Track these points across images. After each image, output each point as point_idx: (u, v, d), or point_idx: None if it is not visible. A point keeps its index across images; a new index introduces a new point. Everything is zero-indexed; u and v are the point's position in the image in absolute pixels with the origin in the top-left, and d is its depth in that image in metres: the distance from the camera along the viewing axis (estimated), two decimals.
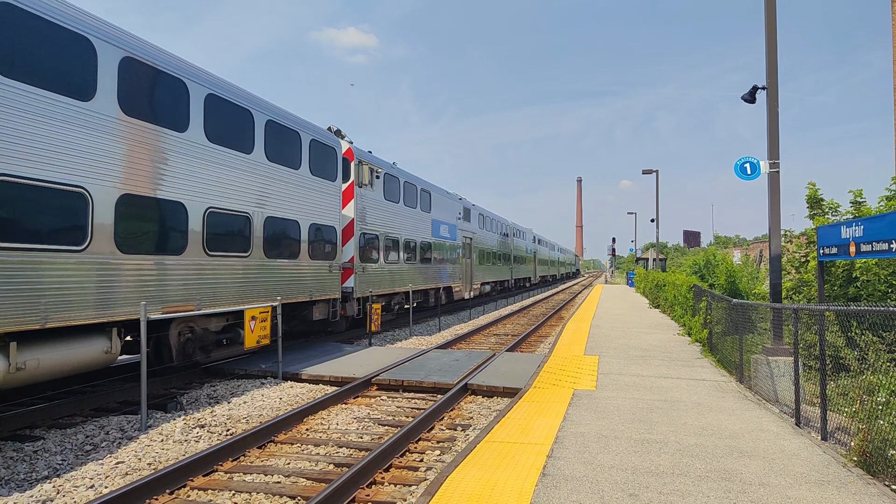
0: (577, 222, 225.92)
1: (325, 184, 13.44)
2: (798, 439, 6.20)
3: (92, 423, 7.49)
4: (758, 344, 8.78)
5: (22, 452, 6.42)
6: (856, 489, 4.83)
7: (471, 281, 27.20)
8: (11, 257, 6.41)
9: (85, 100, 7.38)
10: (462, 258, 25.69)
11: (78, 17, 7.39)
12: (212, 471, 5.97)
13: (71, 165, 7.15)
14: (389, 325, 18.35)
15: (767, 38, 9.07)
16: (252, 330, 10.19)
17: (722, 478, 5.08)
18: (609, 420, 6.91)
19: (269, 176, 11.33)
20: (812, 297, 11.28)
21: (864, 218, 7.72)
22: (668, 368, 10.34)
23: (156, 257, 8.51)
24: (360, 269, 15.12)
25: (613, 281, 71.69)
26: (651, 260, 41.88)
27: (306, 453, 6.60)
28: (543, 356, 11.87)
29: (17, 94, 6.52)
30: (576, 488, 4.83)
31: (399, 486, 5.68)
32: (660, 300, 23.58)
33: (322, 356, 12.13)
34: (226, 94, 10.17)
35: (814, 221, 11.99)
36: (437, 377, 9.88)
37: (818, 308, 6.75)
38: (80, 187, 7.28)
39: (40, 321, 6.70)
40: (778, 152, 9.05)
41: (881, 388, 5.48)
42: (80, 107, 7.30)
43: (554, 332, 18.11)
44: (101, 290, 7.54)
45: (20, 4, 6.59)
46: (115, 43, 7.89)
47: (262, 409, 8.44)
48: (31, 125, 6.68)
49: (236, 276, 10.33)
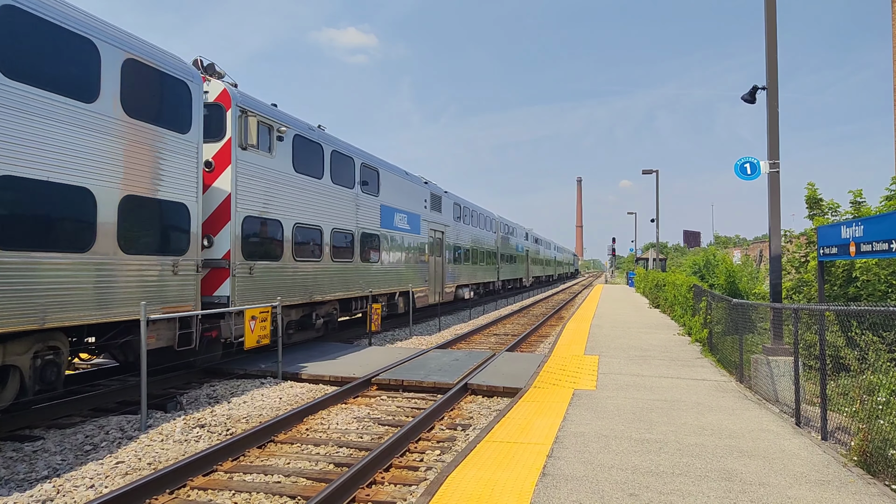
0: (577, 222, 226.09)
1: (160, 135, 8.74)
2: (798, 439, 6.20)
3: (91, 423, 7.49)
4: (758, 344, 8.78)
5: (21, 452, 6.42)
6: (856, 489, 4.83)
7: (442, 283, 22.52)
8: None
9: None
10: (430, 256, 21.02)
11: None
12: (212, 471, 5.97)
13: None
14: (389, 325, 18.35)
15: (767, 38, 9.07)
16: (252, 330, 10.18)
17: (722, 477, 5.08)
18: (609, 420, 6.91)
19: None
20: (812, 297, 11.28)
21: (864, 218, 7.72)
22: (668, 368, 10.34)
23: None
24: (241, 269, 10.58)
25: (613, 281, 71.69)
26: (651, 260, 41.88)
27: (306, 453, 6.59)
28: (543, 356, 11.87)
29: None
30: (576, 488, 4.83)
31: (399, 485, 5.67)
32: (660, 300, 23.58)
33: (322, 356, 12.12)
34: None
35: (813, 221, 12.00)
36: (437, 377, 9.87)
37: (818, 308, 6.75)
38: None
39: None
40: (778, 152, 9.05)
41: (881, 388, 5.48)
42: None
43: (554, 332, 18.11)
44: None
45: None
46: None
47: (261, 408, 8.44)
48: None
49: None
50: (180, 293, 9.15)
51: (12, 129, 6.53)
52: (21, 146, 6.64)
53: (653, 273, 29.54)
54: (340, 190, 14.46)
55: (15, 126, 6.57)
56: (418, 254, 19.87)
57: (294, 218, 12.37)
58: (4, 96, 6.43)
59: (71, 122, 7.28)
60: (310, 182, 13.06)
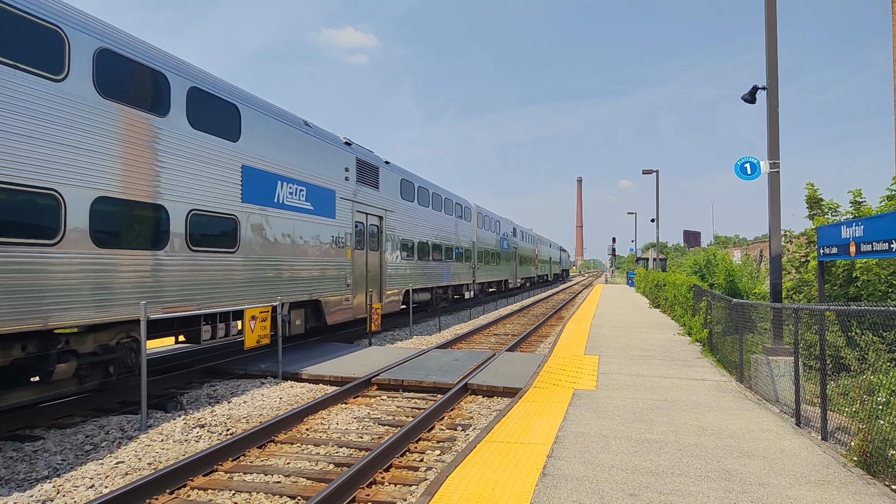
0: (577, 222, 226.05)
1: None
2: (798, 439, 6.19)
3: (92, 423, 7.49)
4: (758, 344, 8.78)
5: (22, 452, 6.42)
6: (856, 489, 4.83)
7: (380, 287, 16.54)
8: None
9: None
10: (354, 250, 14.85)
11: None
12: (212, 470, 5.97)
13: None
14: (390, 325, 18.34)
15: (767, 37, 9.07)
16: (252, 330, 10.18)
17: (722, 478, 5.08)
18: (609, 420, 6.91)
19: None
20: (812, 297, 11.28)
21: (865, 218, 7.72)
22: (668, 368, 10.33)
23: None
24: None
25: (613, 281, 71.69)
26: (651, 260, 41.87)
27: (306, 453, 6.59)
28: (543, 356, 11.87)
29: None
30: (576, 488, 4.83)
31: (399, 485, 5.67)
32: (660, 300, 23.59)
33: (322, 356, 12.12)
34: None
35: (813, 221, 12.01)
36: (437, 377, 9.87)
37: (818, 308, 6.75)
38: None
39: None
40: (778, 152, 9.04)
41: (881, 388, 5.48)
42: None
43: (554, 332, 18.11)
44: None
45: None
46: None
47: (262, 408, 8.44)
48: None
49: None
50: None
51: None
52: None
53: (653, 273, 29.55)
54: (130, 118, 8.06)
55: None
56: (332, 247, 13.63)
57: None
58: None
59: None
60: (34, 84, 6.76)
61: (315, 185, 12.99)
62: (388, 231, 17.12)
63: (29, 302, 6.60)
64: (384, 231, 16.79)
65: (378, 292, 16.38)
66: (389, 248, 17.24)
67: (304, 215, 12.54)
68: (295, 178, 12.17)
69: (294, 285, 12.05)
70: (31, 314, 6.61)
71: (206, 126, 9.53)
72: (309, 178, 12.72)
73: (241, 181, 10.45)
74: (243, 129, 10.52)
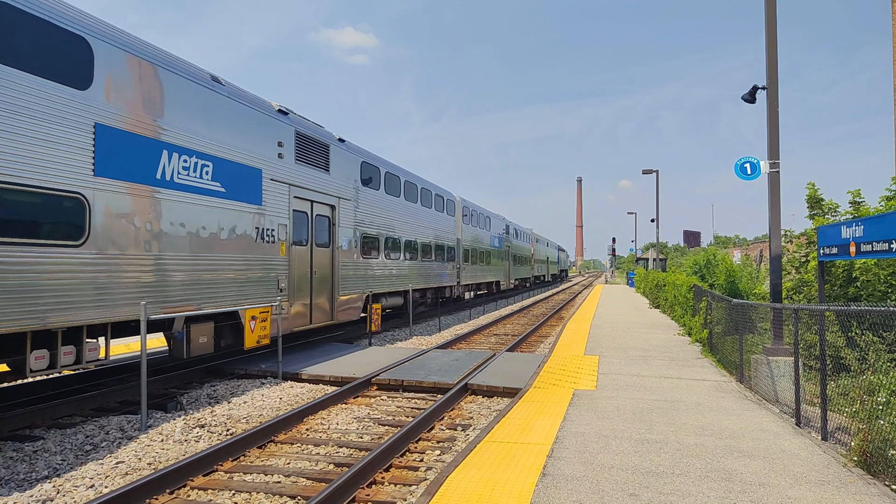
0: (577, 222, 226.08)
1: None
2: (798, 439, 6.19)
3: (92, 423, 7.49)
4: (758, 344, 8.78)
5: (22, 452, 6.42)
6: (856, 489, 4.83)
7: (331, 292, 13.63)
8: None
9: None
10: (291, 246, 11.90)
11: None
12: (212, 471, 5.97)
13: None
14: (389, 325, 18.34)
15: (767, 37, 9.07)
16: (252, 330, 10.18)
17: (722, 478, 5.08)
18: (609, 420, 6.91)
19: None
20: (812, 297, 11.28)
21: (865, 218, 7.72)
22: (668, 368, 10.33)
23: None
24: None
25: (613, 281, 71.69)
26: (651, 260, 41.86)
27: (306, 453, 6.60)
28: (543, 356, 11.87)
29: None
30: (576, 488, 4.83)
31: (399, 485, 5.67)
32: (660, 300, 23.58)
33: (322, 356, 12.12)
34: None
35: (813, 221, 12.01)
36: (437, 377, 9.87)
37: (818, 308, 6.75)
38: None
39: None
40: (778, 152, 9.05)
41: (881, 388, 5.48)
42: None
43: (554, 332, 18.11)
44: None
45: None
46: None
47: (262, 408, 8.44)
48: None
49: None
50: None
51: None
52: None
53: (653, 273, 29.54)
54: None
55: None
56: (256, 242, 10.79)
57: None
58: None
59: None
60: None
61: (228, 161, 9.99)
62: (344, 224, 14.20)
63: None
64: (337, 224, 13.87)
65: (328, 297, 13.47)
66: (345, 245, 14.27)
67: (210, 198, 9.58)
68: (194, 149, 9.22)
69: (191, 291, 9.14)
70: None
71: (13, 59, 6.50)
72: (218, 150, 9.74)
73: (94, 146, 7.46)
74: (97, 74, 7.56)
